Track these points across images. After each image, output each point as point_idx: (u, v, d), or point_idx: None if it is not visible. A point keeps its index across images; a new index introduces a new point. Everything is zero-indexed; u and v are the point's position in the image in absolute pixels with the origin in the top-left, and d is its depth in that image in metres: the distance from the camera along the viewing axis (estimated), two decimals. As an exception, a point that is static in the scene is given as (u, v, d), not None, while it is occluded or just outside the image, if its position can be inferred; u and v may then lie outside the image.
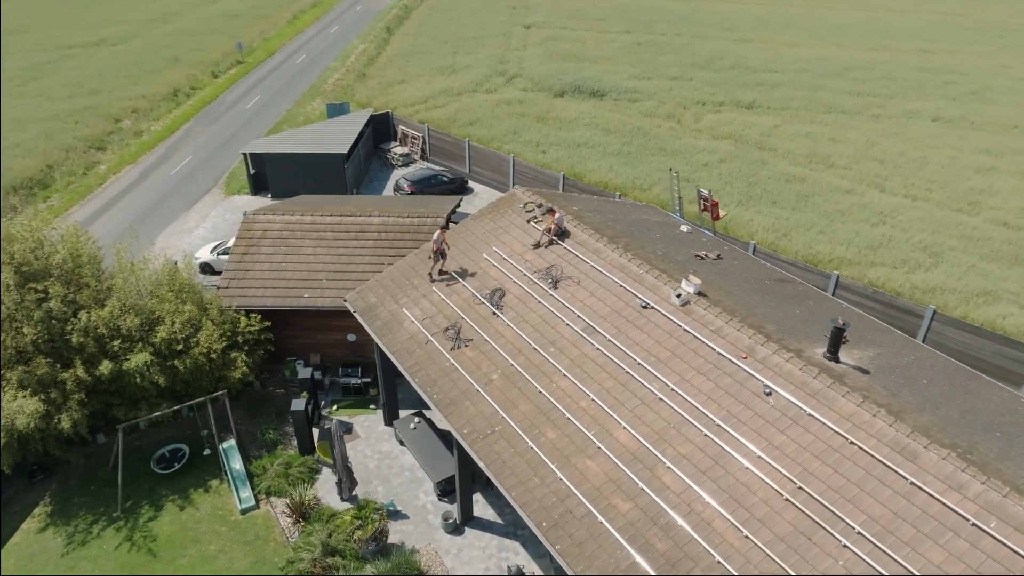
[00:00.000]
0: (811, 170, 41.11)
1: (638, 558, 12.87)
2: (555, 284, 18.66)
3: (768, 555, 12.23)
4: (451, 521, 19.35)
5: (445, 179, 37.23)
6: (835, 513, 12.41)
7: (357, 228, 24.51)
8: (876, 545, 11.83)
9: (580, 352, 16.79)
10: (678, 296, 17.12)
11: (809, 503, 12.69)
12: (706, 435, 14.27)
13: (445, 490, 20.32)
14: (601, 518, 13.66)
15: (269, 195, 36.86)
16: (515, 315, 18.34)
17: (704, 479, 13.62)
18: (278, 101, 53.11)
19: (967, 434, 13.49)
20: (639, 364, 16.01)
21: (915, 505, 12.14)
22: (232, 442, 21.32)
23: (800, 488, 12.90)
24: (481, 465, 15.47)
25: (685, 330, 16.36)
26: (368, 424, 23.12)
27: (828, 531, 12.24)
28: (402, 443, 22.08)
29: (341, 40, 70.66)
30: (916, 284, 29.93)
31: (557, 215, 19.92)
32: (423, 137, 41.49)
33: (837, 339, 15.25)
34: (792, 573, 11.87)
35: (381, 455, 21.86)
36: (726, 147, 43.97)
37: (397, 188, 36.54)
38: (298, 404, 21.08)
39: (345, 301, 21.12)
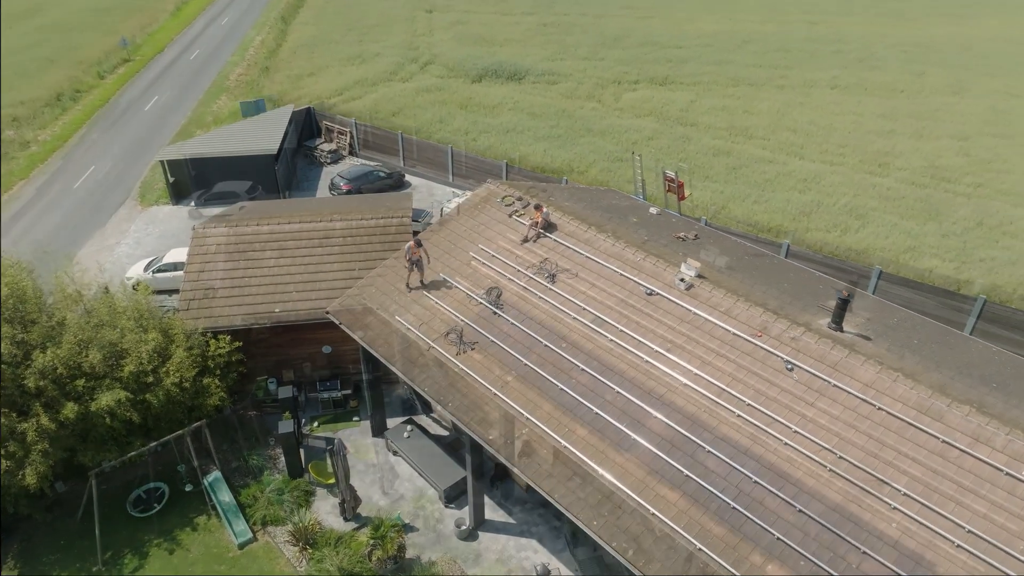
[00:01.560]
0: (733, 143, 42.71)
1: (698, 545, 13.06)
2: (552, 278, 18.49)
3: (825, 526, 12.71)
4: (464, 528, 18.99)
5: (382, 174, 36.10)
6: (878, 478, 13.04)
7: (320, 235, 23.35)
8: (923, 504, 12.53)
9: (594, 345, 16.75)
10: (681, 280, 17.37)
11: (852, 471, 13.26)
12: (739, 415, 14.61)
13: (451, 496, 19.91)
14: (652, 509, 13.75)
15: (192, 203, 34.50)
16: (517, 313, 18.06)
17: (746, 459, 13.96)
18: (180, 101, 49.69)
19: (974, 389, 14.47)
20: (657, 352, 16.16)
21: (950, 462, 12.93)
22: (217, 473, 19.97)
23: (841, 458, 13.46)
24: (516, 471, 15.21)
25: (696, 314, 16.64)
26: (354, 437, 22.24)
27: (876, 495, 12.85)
28: (395, 453, 21.42)
29: (235, 31, 66.84)
30: (850, 245, 31.79)
31: (544, 210, 19.69)
32: (351, 132, 40.00)
33: (842, 309, 15.95)
34: (852, 541, 12.38)
35: (375, 468, 21.11)
36: (650, 124, 44.95)
37: (332, 187, 35.08)
38: (285, 426, 19.98)
39: (327, 313, 20.11)
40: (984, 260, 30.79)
